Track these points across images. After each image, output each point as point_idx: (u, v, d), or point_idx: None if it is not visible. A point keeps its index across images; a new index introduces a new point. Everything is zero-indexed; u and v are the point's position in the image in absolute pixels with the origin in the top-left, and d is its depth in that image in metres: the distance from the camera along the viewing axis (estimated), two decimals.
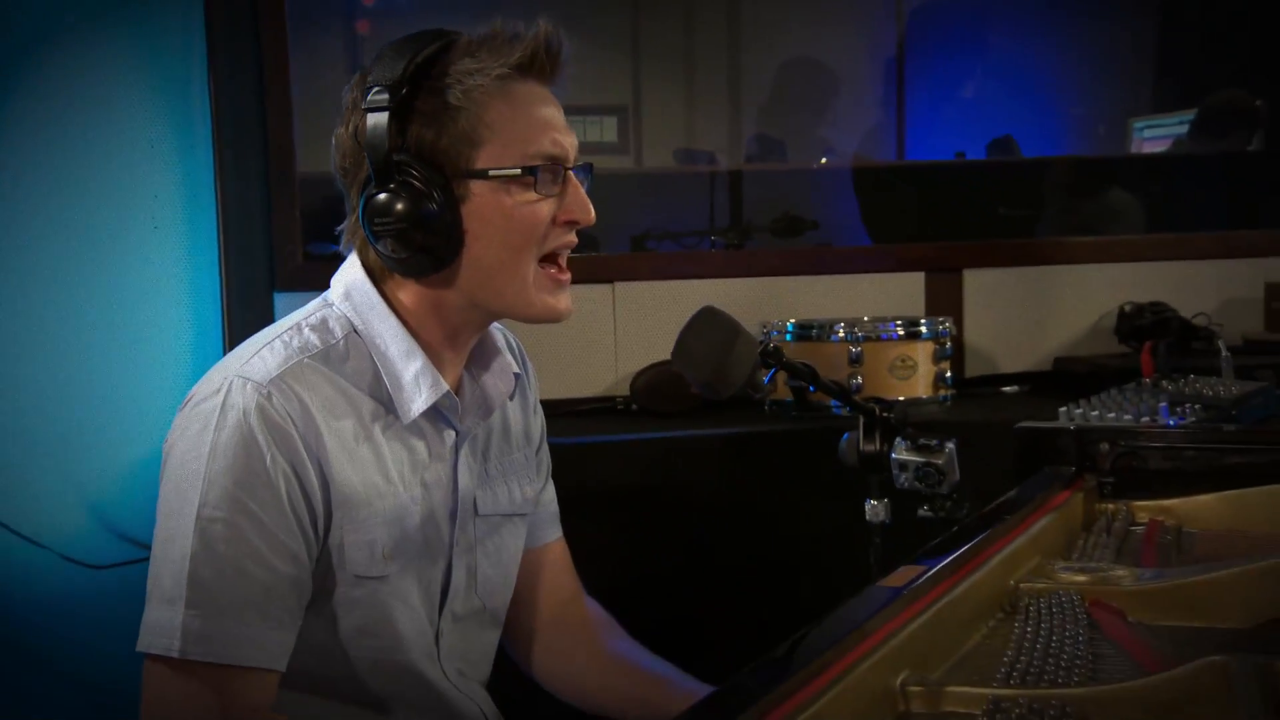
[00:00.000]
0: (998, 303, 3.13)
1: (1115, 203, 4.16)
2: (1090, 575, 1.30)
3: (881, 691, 0.99)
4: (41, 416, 2.71)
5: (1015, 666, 1.06)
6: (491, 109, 1.43)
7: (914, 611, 1.08)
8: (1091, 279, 3.16)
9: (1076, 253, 3.22)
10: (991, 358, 3.12)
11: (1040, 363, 3.13)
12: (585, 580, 1.90)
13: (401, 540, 1.46)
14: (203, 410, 1.39)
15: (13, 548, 2.65)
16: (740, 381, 1.62)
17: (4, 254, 2.70)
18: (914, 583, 1.12)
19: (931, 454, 1.74)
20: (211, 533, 1.34)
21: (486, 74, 1.42)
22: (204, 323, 2.82)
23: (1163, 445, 1.66)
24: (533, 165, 1.43)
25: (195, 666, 1.33)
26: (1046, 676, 1.04)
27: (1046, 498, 1.55)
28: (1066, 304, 3.15)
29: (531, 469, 1.69)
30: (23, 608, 2.70)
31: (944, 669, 1.10)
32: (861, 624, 1.01)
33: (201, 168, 2.79)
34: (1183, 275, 3.15)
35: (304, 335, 1.45)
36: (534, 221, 1.44)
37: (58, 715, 2.51)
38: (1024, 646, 1.11)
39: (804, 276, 3.07)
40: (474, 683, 1.59)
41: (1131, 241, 3.32)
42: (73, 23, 2.74)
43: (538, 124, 1.45)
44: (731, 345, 1.61)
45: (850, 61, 5.57)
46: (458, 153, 1.43)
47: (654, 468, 2.48)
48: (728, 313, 1.66)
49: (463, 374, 1.55)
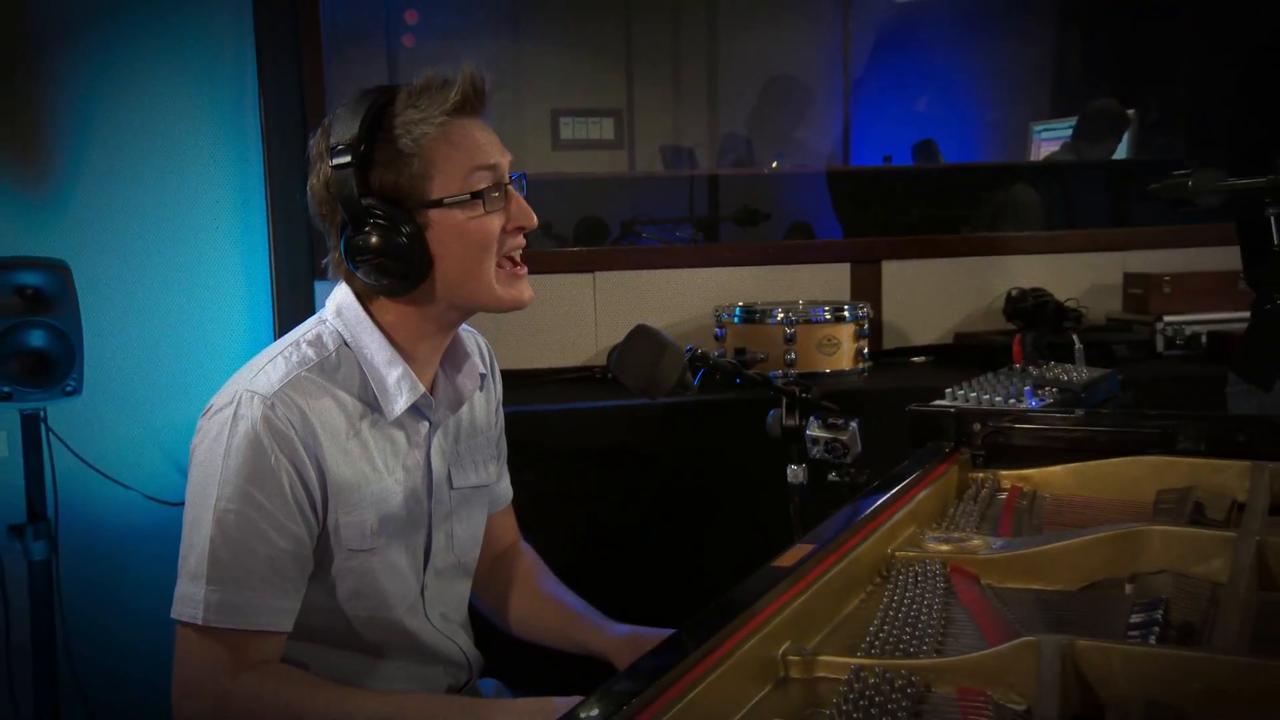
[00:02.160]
0: (909, 288, 3.13)
1: (1020, 196, 4.14)
2: (952, 545, 1.28)
3: (765, 662, 0.98)
4: (128, 381, 2.74)
5: (878, 635, 1.06)
6: (438, 150, 1.42)
7: (798, 589, 1.06)
8: (985, 269, 3.16)
9: (974, 247, 3.23)
10: (904, 333, 3.12)
11: (943, 337, 3.13)
12: (553, 527, 1.90)
13: (387, 517, 1.45)
14: (219, 419, 1.39)
15: (105, 488, 2.69)
16: (669, 386, 1.60)
17: (100, 251, 2.73)
18: (802, 563, 1.10)
19: (838, 431, 1.72)
20: (227, 521, 1.34)
21: (430, 122, 1.41)
22: (256, 305, 2.83)
23: (1024, 425, 1.65)
24: (478, 189, 1.42)
25: (216, 631, 1.34)
26: (901, 646, 1.03)
27: (928, 471, 1.53)
28: (965, 289, 3.15)
29: (493, 450, 1.68)
30: (113, 535, 2.74)
31: (821, 636, 1.08)
32: (751, 603, 0.99)
33: (254, 177, 2.79)
34: (1059, 266, 3.16)
35: (302, 350, 1.44)
36: (487, 234, 1.44)
37: (140, 625, 2.52)
38: (888, 615, 1.10)
39: (752, 267, 3.05)
40: (455, 625, 1.59)
41: (1018, 238, 3.32)
42: (146, 58, 2.73)
43: (477, 154, 1.44)
44: (660, 358, 1.60)
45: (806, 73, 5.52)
46: (414, 189, 1.42)
47: (617, 431, 2.47)
48: (658, 330, 1.65)
49: (438, 373, 1.54)
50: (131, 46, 2.73)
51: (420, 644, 1.52)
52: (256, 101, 2.78)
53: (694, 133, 5.67)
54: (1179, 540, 1.21)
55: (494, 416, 1.70)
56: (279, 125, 2.76)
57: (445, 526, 1.56)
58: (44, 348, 2.39)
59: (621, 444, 2.45)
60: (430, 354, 1.51)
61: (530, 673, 1.73)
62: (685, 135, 5.68)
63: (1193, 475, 1.48)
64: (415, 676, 1.52)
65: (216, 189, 2.79)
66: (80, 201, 2.74)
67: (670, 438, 2.42)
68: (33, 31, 2.69)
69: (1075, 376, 1.92)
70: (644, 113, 5.58)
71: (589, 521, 2.44)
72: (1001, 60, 5.63)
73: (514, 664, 1.73)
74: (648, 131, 5.58)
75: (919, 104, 5.49)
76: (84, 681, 2.60)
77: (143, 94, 2.73)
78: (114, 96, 2.73)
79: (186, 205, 2.77)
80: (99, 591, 2.66)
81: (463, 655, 1.58)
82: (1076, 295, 3.05)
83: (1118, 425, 1.60)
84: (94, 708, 2.62)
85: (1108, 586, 1.21)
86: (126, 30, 2.72)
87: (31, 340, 2.38)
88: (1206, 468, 1.48)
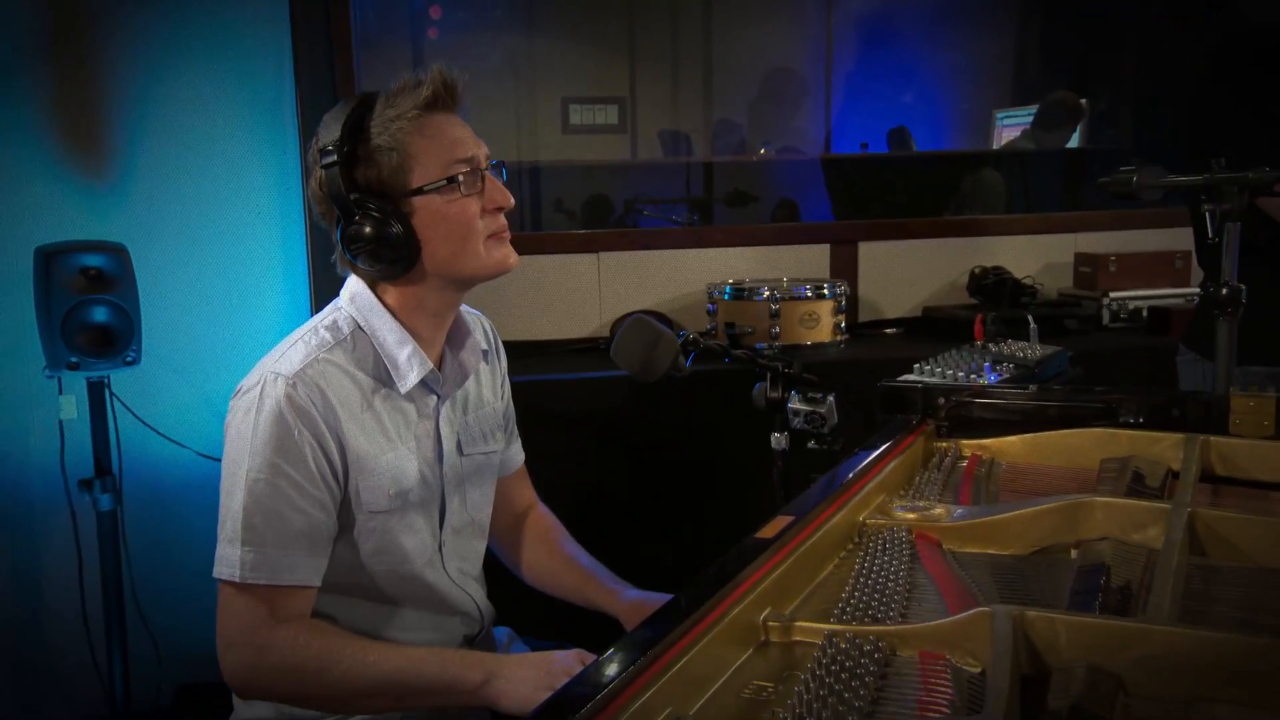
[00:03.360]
0: (883, 267, 3.11)
1: (987, 179, 4.12)
2: (917, 514, 1.28)
3: (748, 628, 0.98)
4: (181, 351, 2.74)
5: (849, 602, 1.05)
6: (413, 142, 1.40)
7: (778, 559, 1.06)
8: (951, 249, 3.15)
9: (940, 229, 3.22)
10: (878, 307, 3.11)
11: (913, 311, 3.12)
12: (556, 485, 1.88)
13: (402, 482, 1.45)
14: (247, 399, 1.38)
15: (163, 446, 2.69)
16: (662, 371, 1.60)
17: (155, 235, 2.71)
18: (782, 534, 1.09)
19: (817, 404, 1.73)
20: (258, 490, 1.34)
21: (404, 117, 1.40)
22: (294, 284, 2.82)
23: (983, 399, 1.64)
24: (453, 174, 1.41)
25: (252, 587, 1.34)
26: (869, 612, 1.02)
27: (897, 442, 1.52)
28: (933, 267, 3.14)
29: (500, 420, 1.67)
30: (170, 488, 2.74)
31: (798, 602, 1.07)
32: (736, 573, 0.99)
33: (291, 168, 2.77)
34: (1016, 246, 3.15)
35: (320, 335, 1.43)
36: (467, 215, 1.42)
37: (195, 565, 2.54)
38: (859, 582, 1.09)
39: (741, 248, 3.04)
40: (470, 579, 1.58)
41: (980, 221, 3.31)
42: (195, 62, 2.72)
43: (450, 143, 1.42)
44: (654, 346, 1.59)
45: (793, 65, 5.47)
46: (395, 180, 1.40)
47: (617, 398, 2.46)
48: (654, 321, 1.64)
49: (444, 351, 1.53)
50: (182, 51, 2.69)
51: (438, 596, 1.52)
52: (293, 100, 2.75)
53: (690, 119, 5.63)
54: (1119, 510, 1.20)
55: (500, 390, 1.68)
56: (314, 121, 2.72)
57: (459, 490, 1.55)
58: (106, 322, 2.38)
59: (621, 410, 2.44)
60: (435, 332, 1.50)
61: (539, 621, 1.74)
62: (682, 121, 5.65)
63: (1132, 445, 1.47)
64: (433, 626, 1.52)
65: (257, 179, 2.76)
66: (137, 191, 2.71)
67: (665, 406, 2.41)
68: (97, 35, 2.66)
69: (1029, 354, 1.91)
70: (645, 100, 5.54)
71: (590, 480, 2.44)
72: (968, 52, 5.58)
73: (526, 614, 1.73)
74: (648, 117, 5.55)
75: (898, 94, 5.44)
76: (148, 615, 2.62)
77: (191, 94, 2.71)
78: (167, 97, 2.70)
79: (231, 194, 2.75)
80: (159, 537, 2.67)
81: (476, 607, 1.57)
82: (1032, 273, 3.05)
83: (1066, 399, 1.59)
84: (156, 638, 2.64)
85: (1055, 551, 1.21)
86: (177, 36, 2.69)
87: (95, 316, 2.37)
88: (1145, 439, 1.48)
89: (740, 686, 0.91)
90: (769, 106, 5.33)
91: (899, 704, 0.86)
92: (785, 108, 5.36)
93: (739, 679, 0.92)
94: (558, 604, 1.69)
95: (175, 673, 2.64)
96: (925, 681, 0.89)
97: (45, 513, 2.69)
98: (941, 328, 2.88)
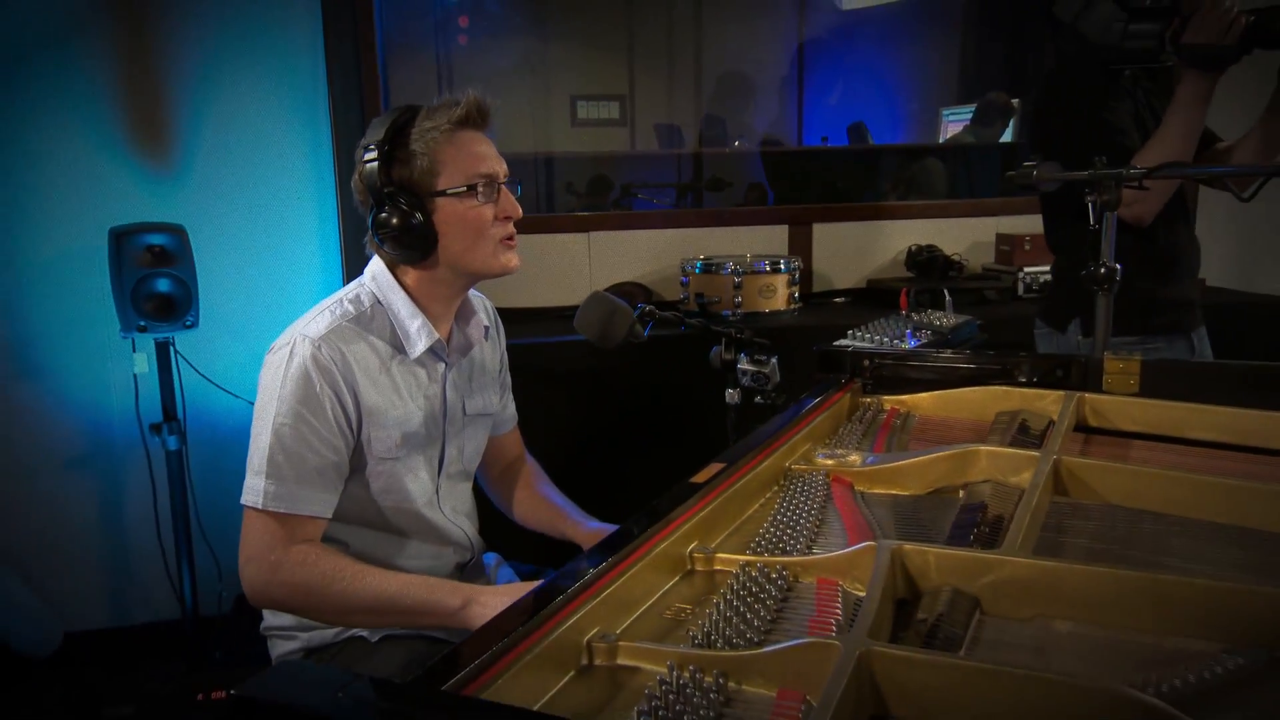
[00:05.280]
0: (833, 244, 3.10)
1: (930, 166, 4.08)
2: (835, 460, 1.29)
3: (676, 558, 0.98)
4: (233, 315, 2.74)
5: (766, 536, 1.05)
6: (443, 151, 1.40)
7: (706, 500, 1.06)
8: (892, 229, 3.13)
9: (884, 212, 3.19)
10: (829, 279, 3.10)
11: (859, 282, 3.12)
12: (544, 433, 1.88)
13: (409, 434, 1.45)
14: (279, 356, 1.39)
15: (220, 396, 2.70)
16: (619, 339, 1.58)
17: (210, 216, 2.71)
18: (712, 479, 1.10)
19: (761, 365, 1.71)
20: (282, 432, 1.35)
21: (439, 129, 1.40)
22: (328, 260, 2.82)
23: (903, 361, 1.64)
24: (473, 183, 1.40)
25: (271, 513, 1.34)
26: (781, 545, 1.03)
27: (826, 398, 1.53)
28: (877, 244, 3.13)
29: (497, 387, 1.67)
30: (226, 431, 2.75)
31: (723, 537, 1.08)
32: (667, 512, 1.00)
33: (324, 160, 2.77)
34: (948, 226, 3.13)
35: (344, 306, 1.44)
36: (480, 220, 1.42)
37: None
38: (776, 519, 1.10)
39: (713, 228, 3.03)
40: (461, 515, 1.59)
41: (916, 205, 3.28)
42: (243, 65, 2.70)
43: (475, 157, 1.42)
44: (610, 318, 1.58)
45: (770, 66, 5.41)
46: (425, 181, 1.40)
47: (598, 358, 2.41)
48: (609, 296, 1.62)
49: (452, 327, 1.53)
50: (231, 57, 2.67)
51: (435, 529, 1.53)
52: (326, 99, 2.73)
53: (681, 114, 5.59)
54: (999, 457, 1.22)
55: (499, 361, 1.69)
56: (344, 118, 2.72)
57: (457, 442, 1.56)
58: (169, 292, 2.39)
59: (600, 369, 2.43)
60: (444, 310, 1.50)
61: (523, 549, 1.74)
62: (675, 116, 5.60)
63: (1023, 401, 1.48)
64: (431, 554, 1.53)
65: (296, 169, 2.75)
66: (194, 179, 2.71)
67: (639, 365, 2.42)
68: (159, 43, 2.64)
69: (944, 322, 1.90)
70: (642, 97, 5.49)
71: (573, 427, 2.44)
72: (919, 57, 5.51)
73: (513, 542, 1.74)
74: (645, 111, 5.50)
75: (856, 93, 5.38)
76: (210, 537, 2.66)
77: (240, 94, 2.69)
78: (219, 98, 2.69)
79: (274, 181, 2.74)
80: (218, 471, 2.69)
81: (467, 539, 1.58)
82: (960, 250, 3.04)
83: (971, 361, 1.59)
84: (217, 556, 2.68)
85: (946, 492, 1.22)
86: (226, 44, 2.67)
87: (159, 287, 2.38)
88: (1033, 395, 1.48)
89: (664, 609, 0.92)
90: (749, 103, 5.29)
91: (794, 622, 0.87)
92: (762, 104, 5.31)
93: (664, 602, 0.93)
94: (538, 534, 1.71)
95: (233, 586, 2.69)
96: (819, 604, 0.90)
97: (124, 452, 2.72)
98: (883, 298, 2.87)
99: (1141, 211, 1.91)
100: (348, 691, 0.59)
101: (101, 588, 2.79)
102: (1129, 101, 2.01)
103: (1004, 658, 0.81)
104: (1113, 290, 1.61)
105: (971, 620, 0.87)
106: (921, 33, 5.48)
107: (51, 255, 2.63)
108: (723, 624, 0.85)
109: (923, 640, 0.82)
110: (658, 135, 5.40)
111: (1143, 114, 2.02)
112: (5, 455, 2.67)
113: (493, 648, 0.73)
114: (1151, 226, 1.95)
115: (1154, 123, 1.98)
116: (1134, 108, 2.02)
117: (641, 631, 0.87)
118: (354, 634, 1.45)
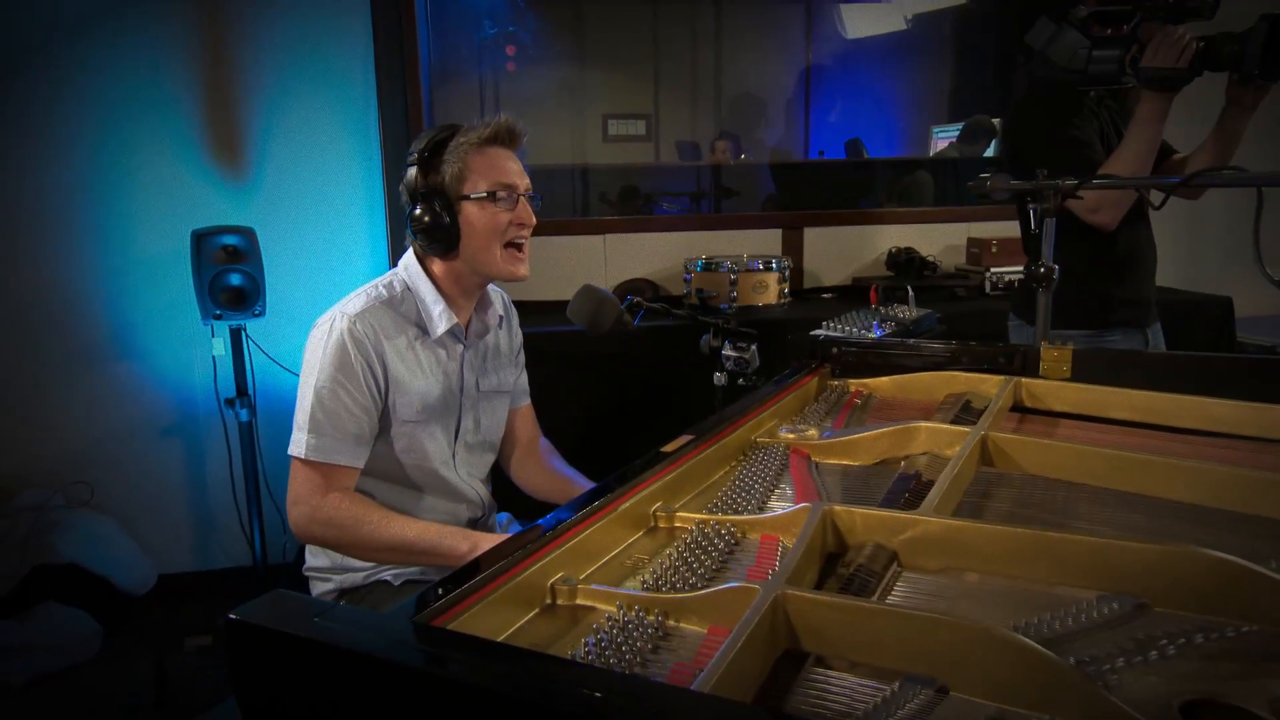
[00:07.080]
0: (823, 246, 3.08)
1: (919, 178, 4.04)
2: (796, 435, 1.29)
3: (640, 516, 0.99)
4: (296, 305, 2.78)
5: (724, 498, 1.06)
6: (472, 162, 1.42)
7: (673, 467, 1.07)
8: (874, 234, 3.11)
9: (867, 218, 3.17)
10: (818, 277, 3.09)
11: (845, 280, 3.10)
12: (560, 409, 1.88)
13: (429, 402, 1.47)
14: (321, 329, 1.41)
15: (285, 376, 2.75)
16: (607, 327, 1.57)
17: (277, 219, 2.74)
18: (681, 448, 1.10)
19: (743, 351, 1.71)
20: (322, 395, 1.38)
21: (470, 144, 1.42)
22: (377, 259, 2.84)
23: (868, 349, 1.63)
24: (494, 191, 1.42)
25: (313, 463, 1.38)
26: (735, 506, 1.04)
27: (797, 380, 1.53)
28: (861, 246, 3.11)
29: (512, 368, 1.68)
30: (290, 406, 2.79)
31: (687, 499, 1.08)
32: (635, 476, 1.01)
33: (375, 172, 2.79)
34: (924, 231, 3.11)
35: (378, 290, 1.46)
36: (497, 224, 1.43)
37: None
38: (735, 485, 1.10)
39: (715, 231, 3.02)
40: (475, 479, 1.60)
41: (897, 212, 3.25)
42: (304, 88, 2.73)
43: (499, 169, 1.43)
44: (599, 308, 1.57)
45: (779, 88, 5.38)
46: (454, 187, 1.42)
47: (603, 345, 2.40)
48: (599, 288, 1.62)
49: (471, 315, 1.55)
50: (295, 79, 2.71)
51: (451, 487, 1.54)
52: (376, 120, 2.76)
53: (701, 131, 5.57)
54: (937, 433, 1.22)
55: (515, 347, 1.69)
56: (391, 135, 2.74)
57: (472, 414, 1.57)
58: (240, 285, 2.44)
59: (604, 354, 2.44)
60: (465, 301, 1.52)
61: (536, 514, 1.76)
62: (695, 133, 5.60)
63: (969, 384, 1.48)
64: (445, 509, 1.54)
65: (350, 177, 2.78)
66: (263, 186, 2.75)
67: (636, 352, 2.42)
68: (234, 65, 2.69)
69: (906, 315, 1.89)
70: (666, 116, 5.49)
71: (582, 404, 2.45)
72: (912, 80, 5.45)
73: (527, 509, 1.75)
74: (668, 129, 5.50)
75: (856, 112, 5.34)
76: (277, 497, 2.71)
77: (302, 115, 2.73)
78: (285, 118, 2.72)
79: (330, 189, 2.78)
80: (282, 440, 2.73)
81: (479, 498, 1.59)
82: (935, 252, 3.01)
83: (926, 350, 1.58)
84: (282, 514, 2.73)
85: (890, 462, 1.22)
86: (291, 69, 2.70)
87: (232, 281, 2.43)
88: (978, 379, 1.48)
89: (625, 558, 0.93)
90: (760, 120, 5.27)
91: (735, 572, 0.88)
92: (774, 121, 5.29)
93: (626, 554, 0.94)
94: (549, 505, 1.71)
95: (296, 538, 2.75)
96: (759, 557, 0.91)
97: (205, 422, 2.79)
98: (865, 293, 2.84)
99: (1107, 219, 1.90)
100: (324, 617, 0.61)
101: (188, 537, 2.87)
102: (1094, 120, 1.99)
103: (911, 603, 0.82)
104: (1050, 288, 1.59)
105: (888, 571, 0.87)
106: (916, 58, 5.41)
107: (143, 254, 2.70)
108: (671, 572, 0.87)
109: (840, 586, 0.83)
110: (678, 150, 5.39)
111: (1107, 131, 2.01)
112: (108, 424, 2.75)
113: (464, 585, 0.75)
114: (1114, 230, 1.93)
115: (1117, 138, 1.97)
116: (1099, 125, 2.00)
117: (602, 577, 0.88)
118: (380, 578, 1.48)
